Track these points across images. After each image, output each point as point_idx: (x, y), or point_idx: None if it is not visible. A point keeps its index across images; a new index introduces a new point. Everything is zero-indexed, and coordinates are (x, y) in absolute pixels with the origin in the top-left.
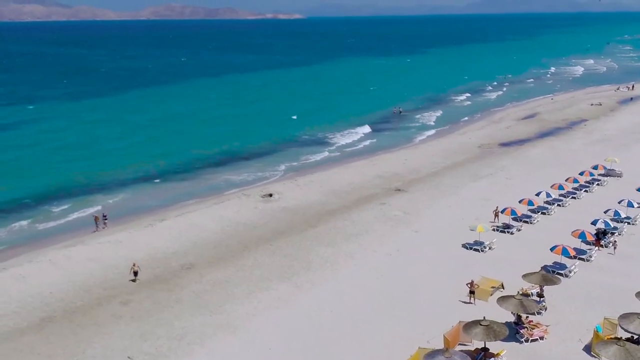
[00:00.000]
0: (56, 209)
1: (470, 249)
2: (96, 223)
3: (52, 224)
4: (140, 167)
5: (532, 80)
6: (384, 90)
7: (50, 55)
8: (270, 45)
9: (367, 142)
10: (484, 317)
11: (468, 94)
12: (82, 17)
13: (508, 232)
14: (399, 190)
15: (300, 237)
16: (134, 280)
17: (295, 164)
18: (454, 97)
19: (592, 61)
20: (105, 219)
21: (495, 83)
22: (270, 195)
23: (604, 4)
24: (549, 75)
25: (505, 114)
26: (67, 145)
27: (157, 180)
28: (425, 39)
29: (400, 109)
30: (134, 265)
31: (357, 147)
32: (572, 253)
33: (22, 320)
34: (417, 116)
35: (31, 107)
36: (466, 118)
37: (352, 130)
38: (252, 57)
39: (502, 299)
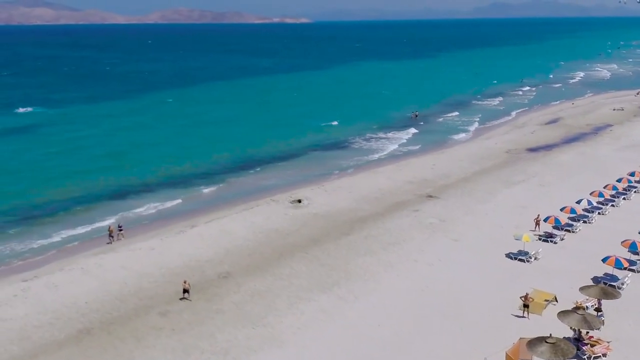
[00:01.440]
0: (82, 216)
1: (515, 259)
2: (110, 235)
3: (79, 230)
4: (165, 171)
5: (548, 84)
6: (399, 94)
7: (63, 58)
8: (281, 49)
9: (391, 147)
10: (550, 334)
11: (486, 98)
12: (91, 20)
13: (551, 241)
14: (431, 196)
15: (335, 245)
16: (183, 299)
17: (319, 168)
18: (471, 101)
19: (609, 65)
20: (121, 230)
21: (511, 87)
22: (299, 201)
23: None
24: (565, 80)
25: (528, 119)
26: (88, 150)
27: (183, 185)
28: (434, 43)
29: (417, 113)
30: (184, 282)
31: (381, 152)
32: (625, 264)
33: (58, 332)
34: (437, 120)
35: (47, 110)
36: (488, 122)
37: (373, 135)
38: (264, 61)
39: (563, 314)
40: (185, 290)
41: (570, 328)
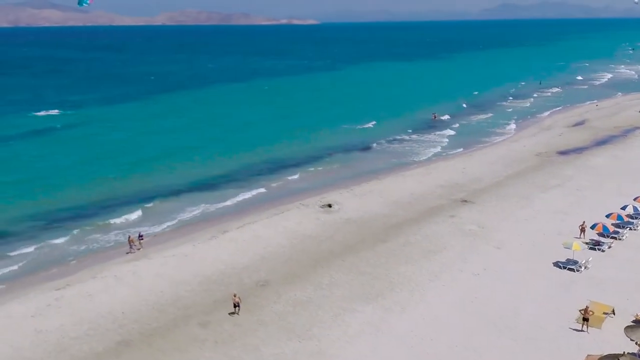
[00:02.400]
0: (110, 221)
1: (564, 268)
2: (130, 245)
3: (110, 237)
4: (192, 174)
5: (567, 85)
6: (416, 95)
7: (75, 60)
8: (292, 50)
9: (416, 149)
10: (625, 352)
11: (506, 100)
12: (98, 22)
13: (599, 249)
14: (465, 201)
15: (373, 252)
16: (233, 313)
17: (345, 171)
18: (491, 103)
19: (634, 66)
20: (141, 239)
21: (531, 89)
22: (330, 205)
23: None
24: (585, 81)
25: (553, 121)
26: (113, 154)
27: (211, 189)
28: (445, 44)
29: (436, 115)
30: (234, 296)
31: (407, 154)
32: None
33: (97, 344)
34: (458, 122)
35: (68, 113)
36: (513, 124)
37: (396, 137)
38: (277, 62)
39: (631, 329)
40: (236, 305)
41: (636, 343)
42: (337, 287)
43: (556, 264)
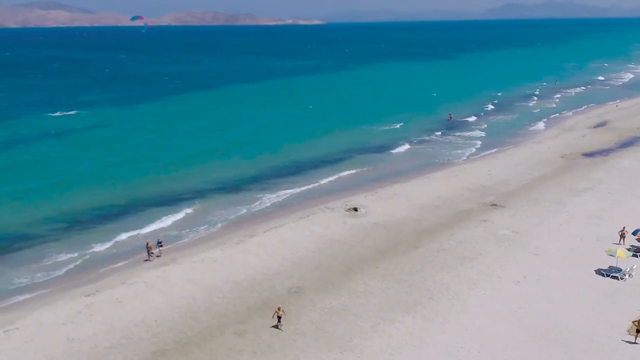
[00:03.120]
0: (134, 225)
1: (607, 276)
2: (148, 252)
3: (136, 240)
4: (215, 177)
5: (584, 86)
6: (429, 95)
7: (86, 60)
8: (301, 50)
9: (438, 151)
10: None
11: (523, 100)
12: (105, 22)
13: None
14: (495, 205)
15: (405, 258)
16: (276, 327)
17: (368, 173)
18: (507, 103)
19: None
20: (160, 245)
21: (547, 89)
22: (356, 209)
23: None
24: (604, 81)
25: (574, 122)
26: (130, 155)
27: (234, 191)
28: (453, 44)
29: (452, 115)
30: (278, 309)
31: (429, 156)
32: None
33: (131, 355)
34: (475, 123)
35: (86, 113)
36: (533, 125)
37: (416, 138)
38: (288, 62)
39: None
40: (279, 318)
41: None
42: (372, 295)
43: (598, 272)
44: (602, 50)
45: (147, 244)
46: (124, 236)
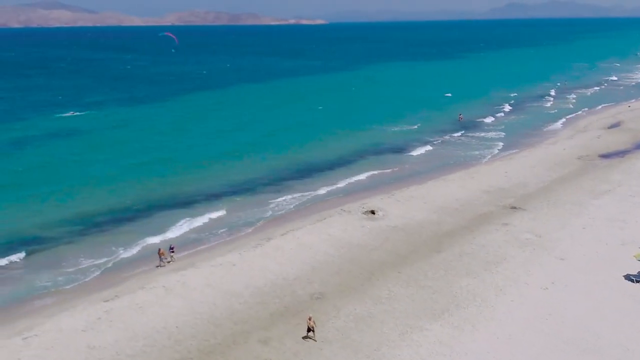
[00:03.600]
0: (151, 228)
1: (637, 282)
2: (160, 258)
3: (153, 244)
4: (228, 178)
5: (595, 86)
6: (438, 95)
7: (91, 60)
8: (307, 50)
9: (452, 152)
10: None
11: (533, 100)
12: (108, 22)
13: None
14: (515, 207)
15: (428, 263)
16: (306, 337)
17: (382, 175)
18: (518, 103)
19: None
20: (172, 251)
21: (556, 89)
22: (373, 212)
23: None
24: (612, 81)
25: (588, 122)
26: (142, 157)
27: (248, 192)
28: (459, 43)
29: (462, 115)
30: (309, 319)
31: (443, 157)
32: None
33: None
34: (486, 123)
35: (94, 113)
36: (546, 126)
37: (429, 138)
38: (294, 62)
39: None
40: (310, 329)
41: None
42: (397, 301)
43: (628, 277)
44: (609, 50)
45: (159, 250)
46: (140, 240)
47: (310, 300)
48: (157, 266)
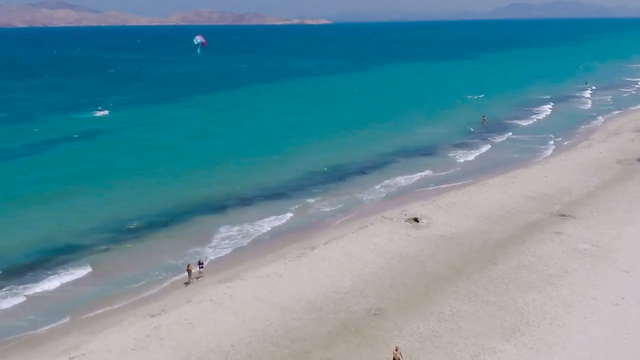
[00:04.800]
0: (184, 235)
1: None
2: (189, 273)
3: (190, 252)
4: (252, 181)
5: (618, 87)
6: (456, 95)
7: (101, 59)
8: (317, 49)
9: (484, 155)
10: None
11: (557, 102)
12: (113, 22)
13: None
14: (564, 215)
15: (486, 276)
16: None
17: (417, 180)
18: (542, 105)
19: None
20: (201, 266)
21: (579, 90)
22: (416, 219)
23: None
24: (633, 82)
25: (618, 125)
26: (165, 160)
27: (283, 198)
28: (469, 43)
29: (485, 118)
30: (395, 350)
31: (477, 161)
32: None
33: None
34: (511, 125)
35: (120, 114)
36: (576, 129)
37: (458, 141)
38: (307, 62)
39: None
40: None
41: None
42: (462, 319)
43: None
44: (623, 51)
45: (188, 265)
46: (178, 248)
47: (367, 316)
48: (186, 283)
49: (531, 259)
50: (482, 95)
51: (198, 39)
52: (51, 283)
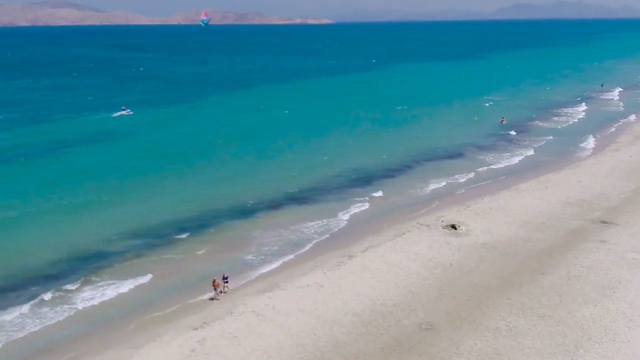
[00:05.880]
0: (217, 241)
1: None
2: (215, 289)
3: (226, 261)
4: (276, 185)
5: (635, 89)
6: (471, 96)
7: (110, 59)
8: (320, 49)
9: (510, 159)
10: None
11: (575, 104)
12: (115, 21)
13: None
14: (605, 222)
15: (537, 288)
16: None
17: (447, 184)
18: (561, 107)
19: None
20: (226, 281)
21: (596, 91)
22: (454, 226)
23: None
24: None
25: None
26: (187, 163)
27: (303, 203)
28: (476, 43)
29: (504, 119)
30: None
31: (505, 164)
32: None
33: None
34: (532, 127)
35: (123, 114)
36: (600, 131)
37: (480, 143)
38: (316, 62)
39: None
40: None
41: None
42: (521, 334)
43: None
44: (632, 51)
45: (214, 281)
46: (212, 256)
47: (419, 331)
48: (211, 299)
49: (581, 269)
50: (498, 95)
51: (204, 17)
52: (86, 295)
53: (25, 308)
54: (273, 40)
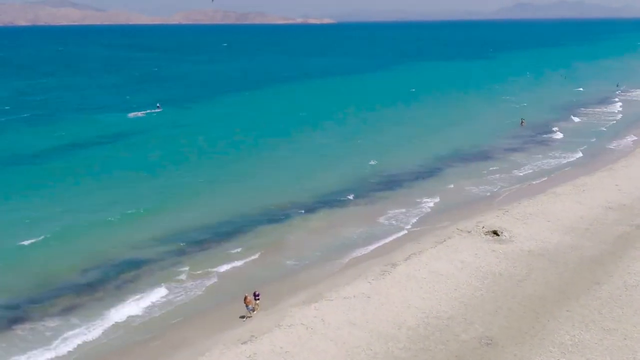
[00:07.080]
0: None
1: None
2: (247, 307)
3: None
4: (304, 187)
5: None
6: (489, 96)
7: (119, 58)
8: (325, 49)
9: (539, 161)
10: None
11: (594, 105)
12: (116, 21)
13: None
14: None
15: (595, 299)
16: None
17: (479, 187)
18: (580, 106)
19: None
20: (257, 298)
21: (614, 92)
22: (496, 232)
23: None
24: None
25: None
26: (211, 167)
27: (335, 205)
28: (482, 43)
29: (524, 120)
30: None
31: (538, 167)
32: None
33: None
34: (553, 129)
35: (138, 116)
36: (626, 133)
37: (505, 146)
38: (325, 61)
39: None
40: None
41: None
42: (589, 350)
43: None
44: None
45: (246, 297)
46: (246, 262)
47: (480, 346)
48: (242, 317)
49: (637, 279)
50: (512, 95)
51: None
52: (106, 302)
53: (56, 320)
54: (280, 40)
